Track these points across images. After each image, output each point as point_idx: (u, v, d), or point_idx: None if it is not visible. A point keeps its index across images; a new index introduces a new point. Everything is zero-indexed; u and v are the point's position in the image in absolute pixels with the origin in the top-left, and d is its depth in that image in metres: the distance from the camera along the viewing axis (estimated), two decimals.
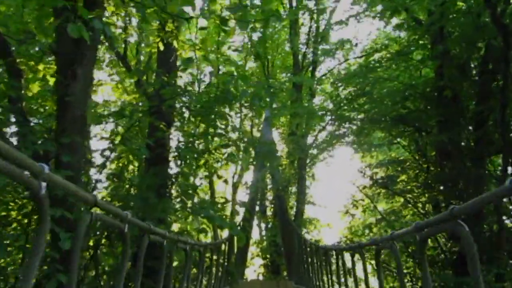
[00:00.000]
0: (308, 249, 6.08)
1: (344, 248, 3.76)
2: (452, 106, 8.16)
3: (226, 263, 6.28)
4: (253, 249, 14.73)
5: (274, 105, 15.64)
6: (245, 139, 6.04)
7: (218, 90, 5.26)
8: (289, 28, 17.83)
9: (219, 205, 5.07)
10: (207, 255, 4.66)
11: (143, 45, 8.43)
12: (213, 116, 5.56)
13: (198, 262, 3.95)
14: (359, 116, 9.77)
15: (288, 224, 9.54)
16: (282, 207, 10.73)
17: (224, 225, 4.06)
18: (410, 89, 9.00)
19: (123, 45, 7.96)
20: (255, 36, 18.25)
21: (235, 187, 18.14)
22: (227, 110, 6.06)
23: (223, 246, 5.76)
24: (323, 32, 17.53)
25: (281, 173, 11.32)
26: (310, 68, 17.40)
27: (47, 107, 4.78)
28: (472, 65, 8.47)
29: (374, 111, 8.53)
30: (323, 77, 18.17)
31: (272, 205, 14.98)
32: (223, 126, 5.76)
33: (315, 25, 17.53)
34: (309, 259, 6.02)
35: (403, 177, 9.15)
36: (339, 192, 24.53)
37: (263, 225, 16.16)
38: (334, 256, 4.02)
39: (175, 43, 6.04)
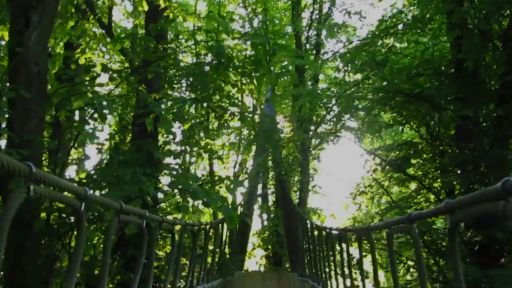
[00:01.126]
0: (316, 234, 5.35)
1: (373, 227, 2.90)
2: (472, 81, 7.37)
3: (219, 252, 5.53)
4: (254, 240, 14.19)
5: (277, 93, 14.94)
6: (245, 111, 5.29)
7: (211, 52, 4.51)
8: (291, 9, 17.04)
9: (216, 183, 4.31)
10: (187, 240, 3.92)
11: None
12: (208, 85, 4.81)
13: (171, 248, 3.18)
14: (368, 96, 8.99)
15: (291, 210, 8.83)
16: (285, 192, 10.02)
17: (211, 202, 3.32)
18: (424, 65, 8.21)
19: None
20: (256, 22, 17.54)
21: (236, 176, 17.55)
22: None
23: (211, 231, 4.93)
24: (326, 14, 16.83)
25: (284, 157, 10.57)
26: (314, 52, 16.71)
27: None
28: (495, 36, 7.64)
29: (385, 90, 7.75)
30: (327, 61, 17.46)
31: (274, 194, 14.33)
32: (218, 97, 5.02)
33: (318, 6, 16.78)
34: (317, 247, 5.30)
35: (415, 161, 8.39)
36: (342, 184, 23.91)
37: (264, 216, 15.57)
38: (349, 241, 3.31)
39: (161, 2, 5.28)
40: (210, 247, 5.35)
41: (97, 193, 3.54)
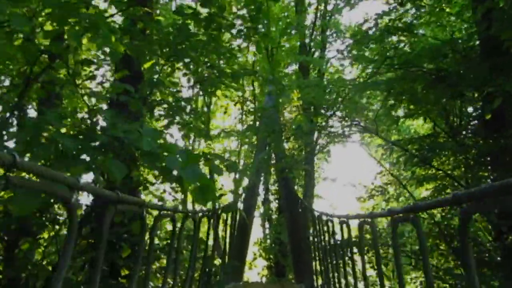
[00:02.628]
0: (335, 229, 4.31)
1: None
2: (505, 59, 6.43)
3: (203, 255, 4.39)
4: (255, 250, 13.16)
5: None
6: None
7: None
8: (295, 5, 16.34)
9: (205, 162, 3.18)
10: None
11: None
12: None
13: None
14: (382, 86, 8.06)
15: (298, 208, 7.75)
16: (289, 190, 8.93)
17: (172, 164, 1.98)
18: (448, 46, 7.30)
19: None
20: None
21: (236, 183, 16.60)
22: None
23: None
24: (332, 10, 16.22)
25: (287, 151, 9.53)
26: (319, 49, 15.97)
27: None
28: None
29: (406, 66, 6.81)
30: (330, 66, 16.75)
31: (276, 201, 13.30)
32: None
33: (323, 4, 16.13)
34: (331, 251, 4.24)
35: (441, 154, 7.35)
36: (349, 189, 22.87)
37: (266, 225, 14.60)
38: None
39: None
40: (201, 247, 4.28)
41: None
